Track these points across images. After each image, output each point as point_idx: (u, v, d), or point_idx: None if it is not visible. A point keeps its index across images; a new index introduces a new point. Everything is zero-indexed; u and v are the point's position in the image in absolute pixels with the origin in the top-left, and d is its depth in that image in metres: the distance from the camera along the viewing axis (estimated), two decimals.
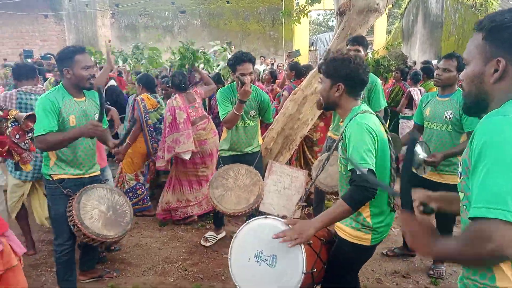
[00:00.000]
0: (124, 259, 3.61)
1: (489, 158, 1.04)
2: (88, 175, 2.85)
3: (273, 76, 6.97)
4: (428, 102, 3.34)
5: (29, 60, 8.45)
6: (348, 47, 3.58)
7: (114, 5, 16.18)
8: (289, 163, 4.94)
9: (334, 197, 4.41)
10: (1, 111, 2.00)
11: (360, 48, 3.51)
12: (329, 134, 4.01)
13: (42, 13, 13.46)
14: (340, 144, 2.04)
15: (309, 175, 4.60)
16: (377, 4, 4.53)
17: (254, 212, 3.21)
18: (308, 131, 4.96)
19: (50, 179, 2.71)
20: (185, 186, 4.32)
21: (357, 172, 1.80)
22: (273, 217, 2.07)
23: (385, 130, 2.05)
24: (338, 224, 2.12)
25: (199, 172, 4.38)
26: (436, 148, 3.13)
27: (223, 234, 4.02)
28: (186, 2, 16.13)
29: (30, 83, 3.50)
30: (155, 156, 4.49)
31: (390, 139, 2.07)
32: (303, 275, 1.89)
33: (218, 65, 6.82)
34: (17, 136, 2.03)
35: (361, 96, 2.21)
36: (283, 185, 4.33)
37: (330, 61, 2.02)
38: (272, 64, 11.85)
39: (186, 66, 5.31)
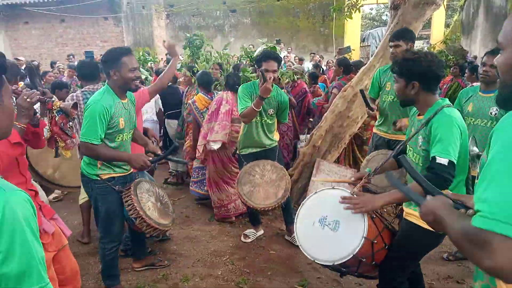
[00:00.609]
0: (175, 250, 3.76)
1: (501, 162, 0.91)
2: (129, 172, 2.95)
3: (313, 78, 6.85)
4: (469, 97, 3.26)
5: None
6: (389, 44, 3.53)
7: (169, 6, 16.75)
8: (338, 161, 4.87)
9: None
10: (45, 103, 2.15)
11: (400, 43, 3.44)
12: (374, 131, 3.91)
13: (102, 16, 14.27)
14: (420, 135, 2.11)
15: None
16: None
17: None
18: (358, 129, 4.85)
19: (99, 178, 2.75)
20: (221, 185, 4.38)
21: (437, 161, 1.89)
22: (341, 188, 2.24)
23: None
24: (408, 210, 2.19)
25: (229, 170, 4.39)
26: (480, 144, 3.02)
27: (261, 232, 4.05)
28: (237, 1, 16.33)
29: (93, 82, 3.67)
30: None
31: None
32: (363, 239, 2.00)
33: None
34: (62, 124, 2.17)
35: None
36: (331, 184, 4.27)
37: (402, 61, 2.12)
38: (319, 61, 11.64)
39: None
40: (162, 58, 11.66)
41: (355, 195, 2.14)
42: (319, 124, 4.83)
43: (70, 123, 2.19)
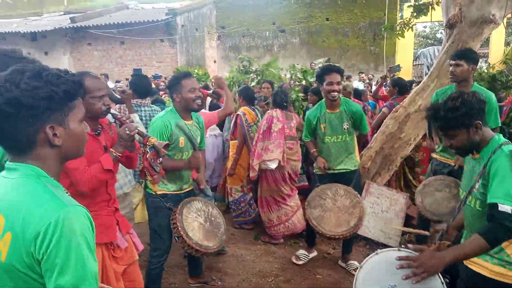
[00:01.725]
0: (220, 268, 3.78)
1: None
2: (184, 191, 3.02)
3: (356, 95, 6.50)
4: None
5: None
6: (450, 62, 3.37)
7: (220, 28, 17.34)
8: (389, 184, 4.70)
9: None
10: (142, 137, 2.27)
11: (462, 62, 3.23)
12: (434, 155, 3.73)
13: (159, 38, 15.03)
14: (479, 179, 1.89)
15: (411, 198, 4.32)
16: (492, 15, 4.13)
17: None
18: (410, 151, 4.68)
19: (154, 193, 2.87)
20: (273, 205, 4.34)
21: (499, 209, 1.68)
22: (408, 250, 1.90)
23: None
24: (472, 259, 1.93)
25: (282, 190, 4.33)
26: None
27: (315, 253, 3.97)
28: (286, 22, 16.57)
29: (145, 97, 3.87)
30: None
31: None
32: None
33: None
34: (152, 160, 2.28)
35: None
36: (381, 207, 4.13)
37: (452, 112, 1.82)
38: (370, 79, 11.43)
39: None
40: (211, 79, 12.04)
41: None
42: (368, 145, 4.71)
43: (160, 159, 2.29)
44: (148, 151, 2.26)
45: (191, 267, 3.47)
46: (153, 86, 8.62)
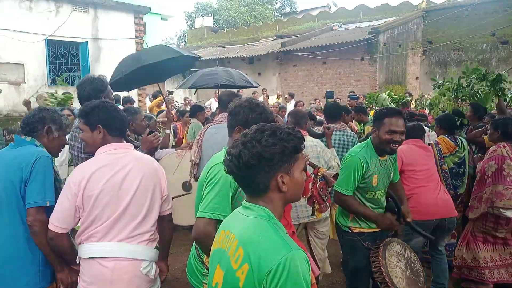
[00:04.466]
0: None
1: None
2: (380, 229, 2.87)
3: None
4: None
5: (329, 100, 9.54)
6: None
7: (427, 42, 16.22)
8: None
9: None
10: (313, 167, 2.41)
11: None
12: None
13: (359, 58, 15.17)
14: None
15: None
16: None
17: None
18: None
19: (349, 231, 2.83)
20: (480, 244, 3.75)
21: None
22: None
23: None
24: None
25: (497, 232, 3.69)
26: None
27: None
28: (510, 32, 14.17)
29: (337, 121, 4.11)
30: (460, 203, 4.14)
31: None
32: None
33: None
34: (321, 189, 2.38)
35: None
36: None
37: None
38: None
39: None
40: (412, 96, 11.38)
41: None
42: None
43: (329, 189, 2.39)
44: (318, 180, 2.36)
45: None
46: (349, 107, 8.82)
